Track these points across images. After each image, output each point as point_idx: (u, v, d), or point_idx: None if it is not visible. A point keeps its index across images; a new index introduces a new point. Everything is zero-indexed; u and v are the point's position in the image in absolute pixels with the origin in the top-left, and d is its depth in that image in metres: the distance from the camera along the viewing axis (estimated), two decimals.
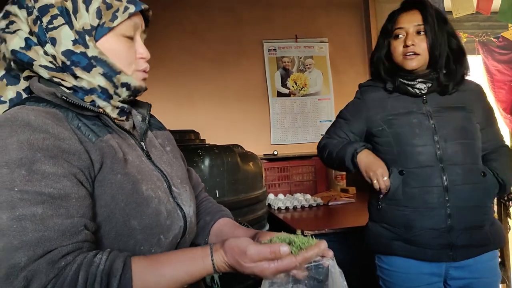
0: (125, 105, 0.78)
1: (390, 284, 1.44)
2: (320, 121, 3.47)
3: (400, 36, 1.36)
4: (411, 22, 1.34)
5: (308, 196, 2.75)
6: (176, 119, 2.90)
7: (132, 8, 0.74)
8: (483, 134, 1.37)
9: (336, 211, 2.53)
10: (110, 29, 0.72)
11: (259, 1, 3.35)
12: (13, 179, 0.59)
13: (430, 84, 1.35)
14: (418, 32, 1.33)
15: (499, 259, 1.76)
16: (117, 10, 0.72)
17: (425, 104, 1.36)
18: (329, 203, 2.67)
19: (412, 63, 1.34)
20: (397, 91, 1.40)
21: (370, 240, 1.47)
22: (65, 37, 0.69)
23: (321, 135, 3.44)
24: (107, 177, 0.68)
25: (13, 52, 0.69)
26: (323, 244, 0.67)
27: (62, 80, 0.71)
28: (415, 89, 1.36)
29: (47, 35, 0.69)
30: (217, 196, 1.92)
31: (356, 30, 3.56)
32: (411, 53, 1.33)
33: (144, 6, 0.77)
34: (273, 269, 0.63)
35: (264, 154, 3.07)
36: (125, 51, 0.75)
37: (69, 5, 0.70)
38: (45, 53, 0.70)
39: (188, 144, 2.23)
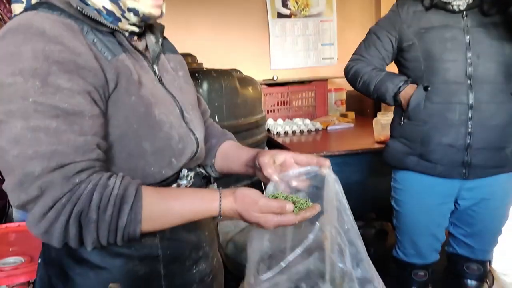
0: (136, 29, 0.74)
1: (402, 204, 1.48)
2: (322, 44, 3.35)
3: None
4: None
5: (307, 121, 2.75)
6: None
7: None
8: None
9: (335, 136, 2.56)
10: None
11: None
12: (27, 89, 0.58)
13: (470, 0, 1.27)
14: None
15: None
16: None
17: (464, 19, 1.29)
18: (328, 128, 2.69)
19: None
20: (434, 7, 1.33)
21: (386, 155, 1.50)
22: None
23: (322, 59, 3.37)
24: (121, 97, 0.67)
25: None
26: (318, 206, 0.72)
27: None
28: (453, 5, 1.28)
29: None
30: (217, 120, 1.92)
31: None
32: None
33: None
34: (276, 222, 0.68)
35: (264, 79, 3.02)
36: None
37: None
38: None
39: None
